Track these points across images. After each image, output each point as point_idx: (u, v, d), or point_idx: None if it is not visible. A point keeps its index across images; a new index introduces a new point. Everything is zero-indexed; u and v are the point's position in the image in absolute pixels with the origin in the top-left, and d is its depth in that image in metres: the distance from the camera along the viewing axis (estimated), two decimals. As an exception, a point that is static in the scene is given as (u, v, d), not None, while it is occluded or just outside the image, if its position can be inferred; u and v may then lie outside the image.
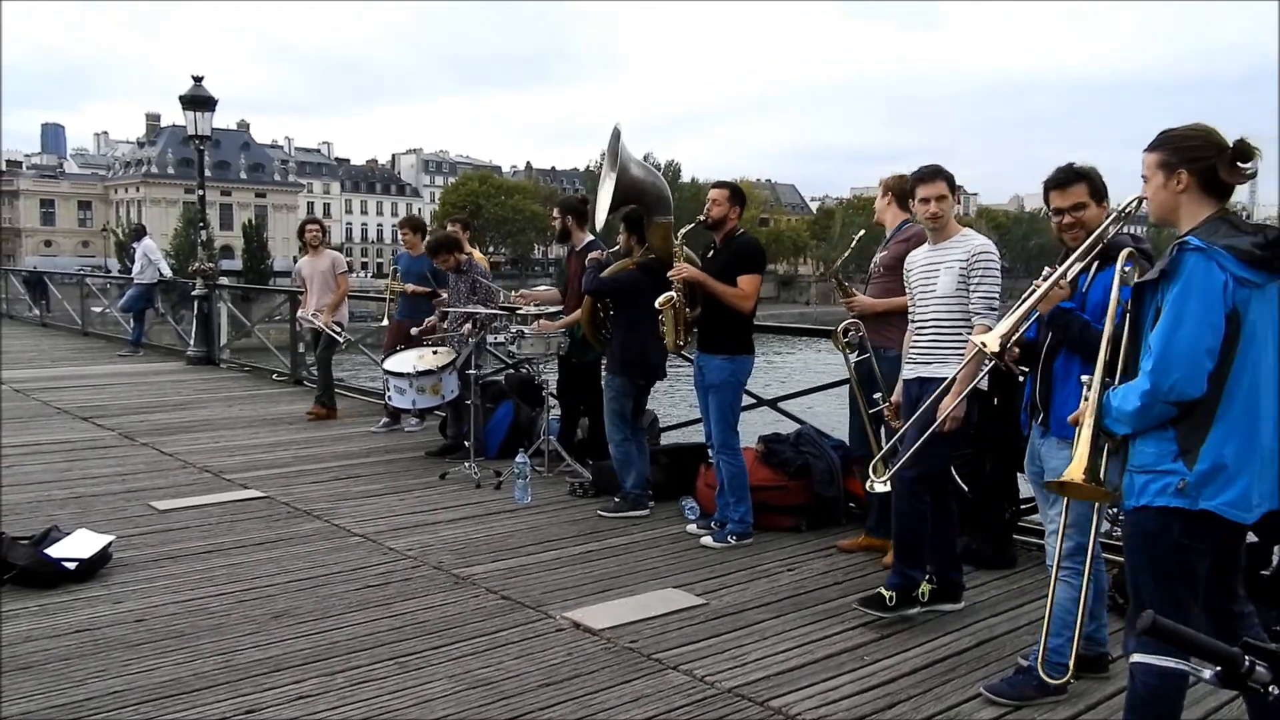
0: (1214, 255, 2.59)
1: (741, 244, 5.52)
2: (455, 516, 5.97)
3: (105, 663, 3.82)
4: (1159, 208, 2.82)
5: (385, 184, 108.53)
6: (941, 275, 4.25)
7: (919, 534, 4.32)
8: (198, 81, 13.57)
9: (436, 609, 4.44)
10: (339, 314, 9.17)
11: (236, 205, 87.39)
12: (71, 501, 6.16)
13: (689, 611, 4.43)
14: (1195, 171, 2.72)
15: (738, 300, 5.37)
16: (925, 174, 4.30)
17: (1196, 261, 2.59)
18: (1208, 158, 2.71)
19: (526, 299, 7.51)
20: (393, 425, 8.75)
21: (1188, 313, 2.58)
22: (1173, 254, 2.63)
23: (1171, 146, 2.77)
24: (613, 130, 6.20)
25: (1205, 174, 2.72)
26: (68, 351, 15.34)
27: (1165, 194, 2.77)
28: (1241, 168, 2.71)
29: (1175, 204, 2.77)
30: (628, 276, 5.99)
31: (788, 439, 6.04)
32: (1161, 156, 2.77)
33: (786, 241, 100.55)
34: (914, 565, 4.33)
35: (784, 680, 3.74)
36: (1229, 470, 2.63)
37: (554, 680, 3.71)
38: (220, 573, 4.88)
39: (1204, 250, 2.59)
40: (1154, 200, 2.82)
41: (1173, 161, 2.75)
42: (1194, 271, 2.59)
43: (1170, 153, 2.76)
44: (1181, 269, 2.61)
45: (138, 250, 15.14)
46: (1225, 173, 2.70)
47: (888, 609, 4.26)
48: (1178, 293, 2.60)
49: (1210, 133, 2.76)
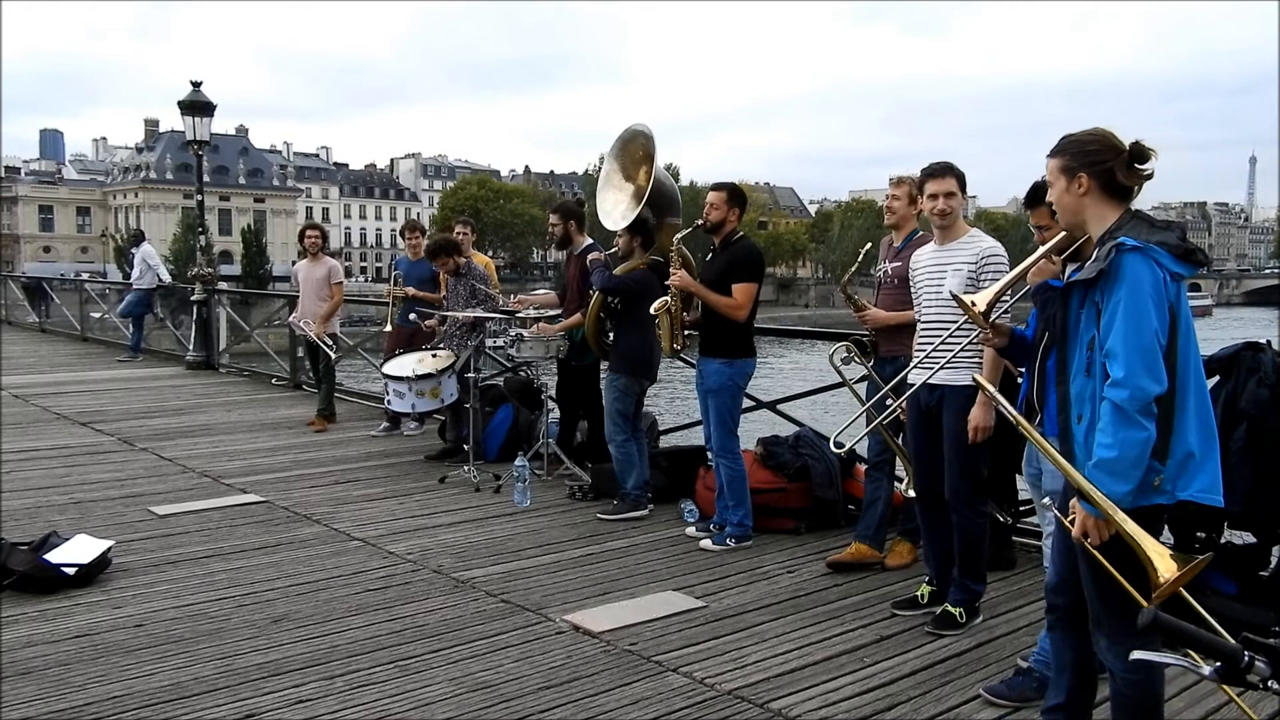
0: (1150, 253, 2.65)
1: (739, 250, 5.48)
2: (454, 520, 5.97)
3: (105, 668, 3.82)
4: (1064, 211, 2.90)
5: (384, 188, 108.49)
6: (949, 278, 4.17)
7: (980, 547, 4.31)
8: (196, 87, 13.58)
9: (436, 612, 4.44)
10: (330, 325, 9.09)
11: (235, 210, 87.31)
12: (71, 507, 6.16)
13: (689, 614, 4.43)
14: (1095, 175, 2.81)
15: (731, 311, 5.36)
16: (936, 169, 4.24)
17: (1136, 261, 2.64)
18: (1106, 161, 2.80)
19: (525, 304, 7.50)
20: (392, 429, 8.75)
21: (1141, 313, 2.62)
22: (1111, 255, 2.67)
23: (1071, 152, 2.86)
24: (635, 132, 6.21)
25: (1104, 176, 2.80)
26: (67, 357, 15.33)
27: (1069, 198, 2.86)
28: (1139, 169, 2.79)
29: (1079, 206, 2.86)
30: (641, 275, 6.00)
31: (787, 441, 6.04)
32: (1063, 162, 2.87)
33: (785, 244, 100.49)
34: (978, 579, 4.33)
35: (784, 682, 3.74)
36: (1197, 457, 2.69)
37: (554, 683, 3.71)
38: (220, 577, 4.88)
39: (1141, 249, 2.65)
40: (1059, 204, 2.91)
41: (1073, 166, 2.84)
42: (1138, 272, 2.64)
43: (1070, 157, 2.85)
44: (1123, 270, 2.65)
45: (136, 255, 15.13)
46: (1123, 175, 2.79)
47: (959, 626, 4.24)
48: (1126, 295, 2.63)
49: (1108, 136, 2.85)
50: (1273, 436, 4.18)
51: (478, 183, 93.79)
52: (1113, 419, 2.63)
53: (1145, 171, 2.79)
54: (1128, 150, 2.79)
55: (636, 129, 6.29)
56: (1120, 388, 2.61)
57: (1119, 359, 2.63)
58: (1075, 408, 2.83)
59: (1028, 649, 3.85)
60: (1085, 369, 2.79)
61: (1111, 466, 2.63)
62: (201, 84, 13.62)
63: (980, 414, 4.00)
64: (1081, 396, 2.80)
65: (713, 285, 5.41)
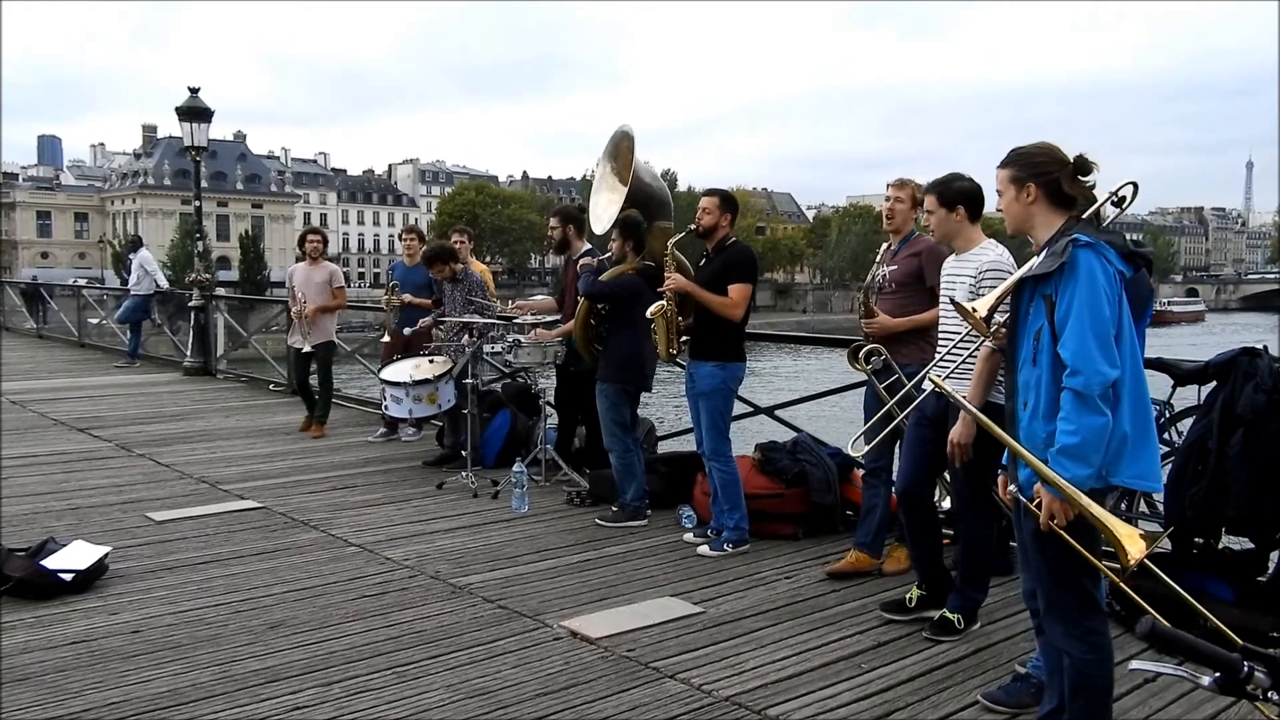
0: (1100, 249, 2.83)
1: (733, 253, 5.49)
2: (452, 526, 5.97)
3: (102, 674, 3.81)
4: (1014, 219, 3.09)
5: (382, 194, 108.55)
6: (956, 291, 4.15)
7: (985, 555, 4.31)
8: (194, 93, 13.58)
9: (434, 618, 4.44)
10: (327, 328, 8.99)
11: (233, 216, 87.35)
12: (68, 513, 6.15)
13: (686, 620, 4.43)
14: (1042, 185, 3.00)
15: (727, 310, 5.37)
16: (928, 185, 4.34)
17: (1089, 257, 2.81)
18: (1052, 172, 3.00)
19: (523, 309, 7.48)
20: (390, 435, 8.74)
21: (1096, 304, 2.77)
22: (1068, 249, 2.82)
23: (1021, 163, 3.06)
24: (620, 133, 6.18)
25: (1050, 187, 3.00)
26: (64, 363, 15.34)
27: (1018, 206, 3.06)
28: (1082, 180, 3.00)
29: (1028, 215, 3.05)
30: (628, 280, 5.98)
31: (784, 447, 6.04)
32: (1012, 172, 3.06)
33: (783, 250, 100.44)
34: (979, 587, 4.33)
35: (781, 688, 3.73)
36: (1130, 444, 2.82)
37: (551, 689, 3.71)
38: (217, 583, 4.88)
39: (1093, 245, 2.82)
40: (1008, 213, 3.10)
41: (1022, 176, 3.04)
42: (1091, 265, 2.80)
43: (1020, 168, 3.04)
44: (1078, 264, 2.81)
45: (134, 261, 15.14)
46: (1068, 185, 2.99)
47: (957, 632, 4.24)
48: (1082, 287, 2.79)
49: (1054, 149, 3.05)
50: (1269, 441, 4.19)
51: (475, 188, 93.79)
52: (1074, 405, 2.77)
53: (1089, 183, 2.99)
54: (1072, 162, 3.00)
55: (621, 130, 6.26)
56: (1079, 375, 2.76)
57: (1075, 347, 2.77)
58: (1021, 395, 3.00)
59: (1025, 655, 3.85)
60: (1032, 358, 2.95)
61: (1075, 451, 2.77)
62: (199, 90, 13.63)
63: (961, 430, 3.96)
64: (1028, 384, 2.97)
65: (707, 289, 5.41)
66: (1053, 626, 3.05)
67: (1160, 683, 3.65)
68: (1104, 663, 3.02)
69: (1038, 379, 2.91)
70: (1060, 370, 2.82)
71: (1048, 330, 2.87)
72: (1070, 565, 2.94)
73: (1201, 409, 4.56)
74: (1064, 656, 3.04)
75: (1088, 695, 3.01)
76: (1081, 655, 2.98)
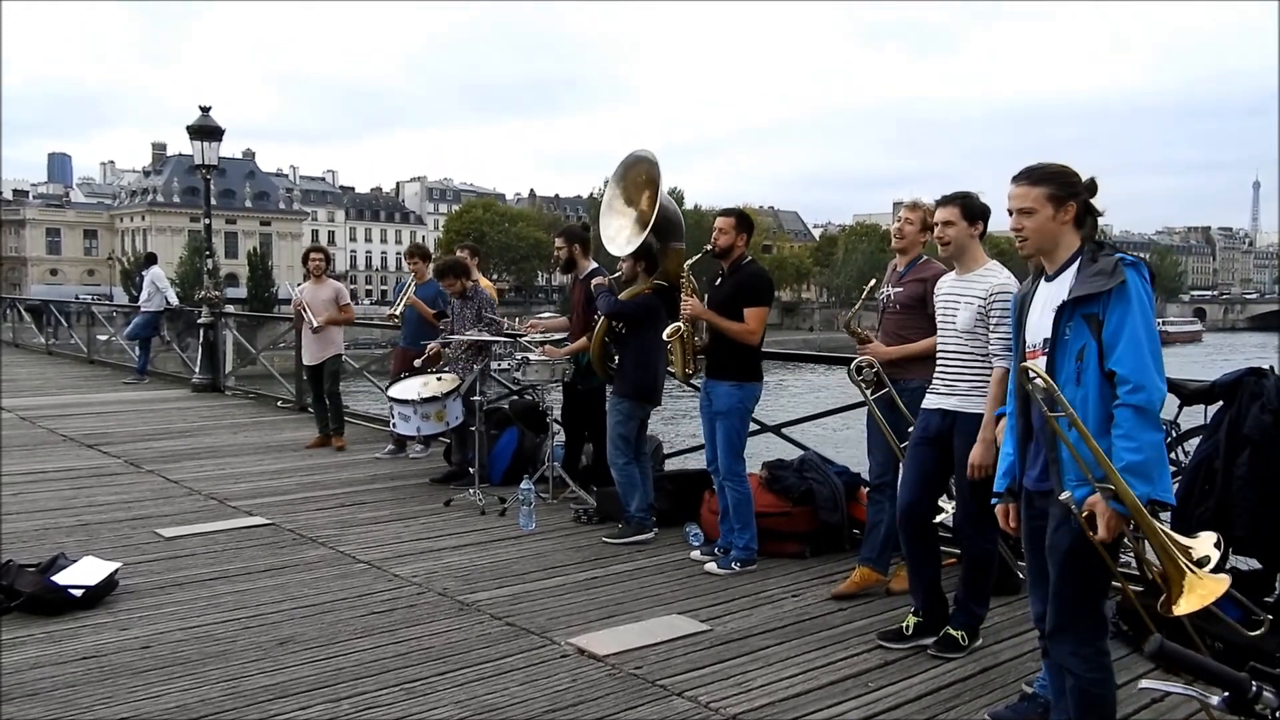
0: (1141, 269, 2.86)
1: (748, 274, 5.50)
2: (460, 543, 5.98)
3: (112, 690, 3.83)
4: (1044, 237, 3.02)
5: (390, 212, 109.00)
6: (961, 310, 4.19)
7: (988, 571, 4.33)
8: (205, 112, 13.70)
9: (441, 635, 4.45)
10: (334, 342, 9.16)
11: (241, 233, 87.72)
12: (78, 529, 6.18)
13: (694, 638, 4.44)
14: (1079, 204, 2.99)
15: (743, 336, 5.39)
16: (943, 198, 4.33)
17: (1135, 274, 2.84)
18: (1082, 193, 3.00)
19: (537, 328, 7.50)
20: (397, 452, 8.77)
21: (1148, 321, 2.80)
22: (1118, 269, 2.83)
23: (1059, 181, 3.02)
24: (638, 156, 6.22)
25: (1083, 206, 3.00)
26: (73, 379, 15.40)
27: (1053, 225, 3.00)
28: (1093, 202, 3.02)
29: (1059, 234, 3.01)
30: (644, 300, 6.02)
31: (791, 465, 6.05)
32: (1050, 190, 3.00)
33: (790, 268, 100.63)
34: (981, 602, 4.35)
35: (789, 707, 3.73)
36: None
37: (559, 706, 3.71)
38: (226, 600, 4.89)
39: (1136, 264, 2.86)
40: (1039, 231, 3.01)
41: (1061, 195, 2.99)
42: (1139, 283, 2.83)
43: (1058, 186, 3.01)
44: (1129, 281, 2.82)
45: (146, 278, 15.21)
46: (1089, 205, 3.00)
47: (962, 648, 4.25)
48: (1134, 307, 2.80)
49: (1074, 170, 3.05)
50: (1276, 462, 4.19)
51: (483, 206, 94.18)
52: (1136, 422, 2.75)
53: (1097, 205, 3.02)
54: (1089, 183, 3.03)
55: (640, 154, 6.31)
56: (1142, 391, 2.75)
57: (1135, 363, 2.76)
58: None
59: (1032, 674, 3.84)
60: (1075, 379, 2.90)
61: (1139, 468, 2.75)
62: (210, 109, 13.75)
63: (980, 453, 3.98)
64: (1071, 404, 2.90)
65: (721, 309, 5.44)
66: (1060, 645, 3.05)
67: (1168, 702, 3.64)
68: (1109, 683, 3.03)
69: (1083, 398, 2.87)
70: (1106, 389, 2.81)
71: (1092, 349, 2.84)
72: (1095, 585, 2.96)
73: (1208, 429, 4.55)
74: (1068, 676, 3.04)
75: (1096, 715, 3.02)
76: (1087, 674, 2.99)
